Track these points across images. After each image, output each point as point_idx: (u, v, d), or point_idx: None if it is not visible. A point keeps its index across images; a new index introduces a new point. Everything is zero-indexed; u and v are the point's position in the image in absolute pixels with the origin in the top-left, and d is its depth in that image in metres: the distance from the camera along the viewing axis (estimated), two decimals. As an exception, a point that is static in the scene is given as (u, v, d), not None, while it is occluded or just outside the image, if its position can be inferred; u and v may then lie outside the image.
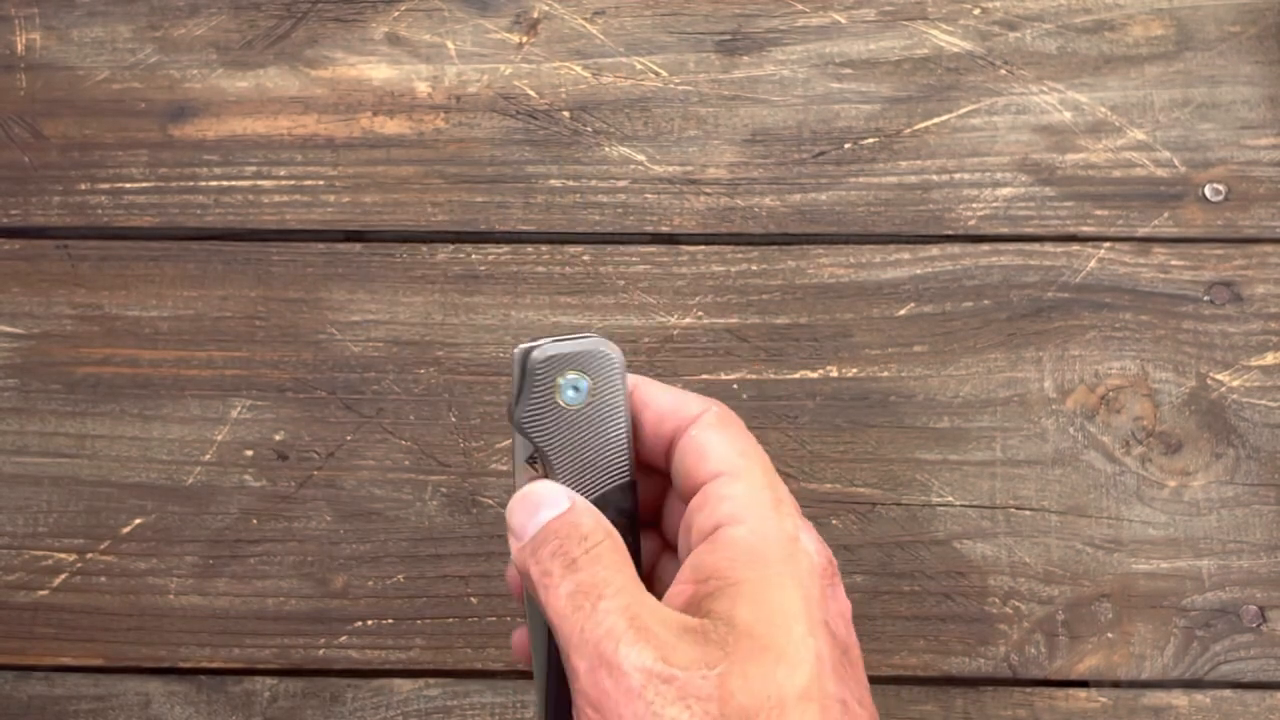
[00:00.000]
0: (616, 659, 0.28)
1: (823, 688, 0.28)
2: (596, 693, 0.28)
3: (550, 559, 0.31)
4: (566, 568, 0.30)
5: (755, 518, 0.31)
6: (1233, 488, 0.45)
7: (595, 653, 0.28)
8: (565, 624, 0.29)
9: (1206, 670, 0.44)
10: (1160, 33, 0.48)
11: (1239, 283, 0.46)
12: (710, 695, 0.27)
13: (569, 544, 0.31)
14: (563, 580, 0.30)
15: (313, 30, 0.49)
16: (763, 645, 0.28)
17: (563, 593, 0.30)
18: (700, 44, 0.48)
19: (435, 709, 0.44)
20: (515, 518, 0.32)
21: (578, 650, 0.29)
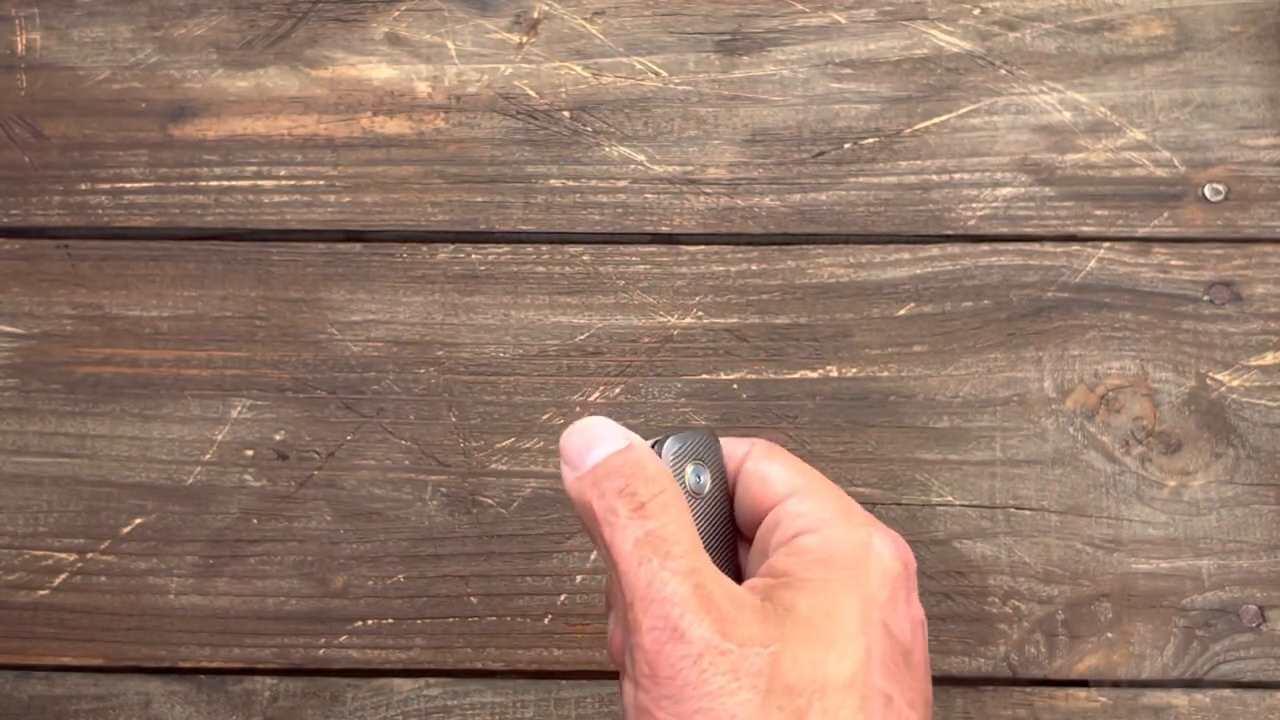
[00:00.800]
0: (682, 626, 0.29)
1: (868, 680, 0.29)
2: (655, 652, 0.29)
3: (616, 496, 0.31)
4: (634, 511, 0.30)
5: (828, 526, 0.32)
6: (1232, 487, 0.45)
7: (661, 614, 0.29)
8: (632, 575, 0.30)
9: (1206, 670, 0.44)
10: (1160, 33, 0.48)
11: (1239, 283, 0.46)
12: (760, 671, 0.29)
13: (635, 483, 0.31)
14: (630, 523, 0.30)
15: (313, 30, 0.49)
16: (816, 633, 0.29)
17: (629, 537, 0.30)
18: (700, 44, 0.48)
19: (435, 709, 0.44)
20: (571, 444, 0.32)
21: (643, 606, 0.29)
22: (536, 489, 0.45)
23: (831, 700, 0.29)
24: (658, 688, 0.29)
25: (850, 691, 0.29)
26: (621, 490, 0.31)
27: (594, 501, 0.31)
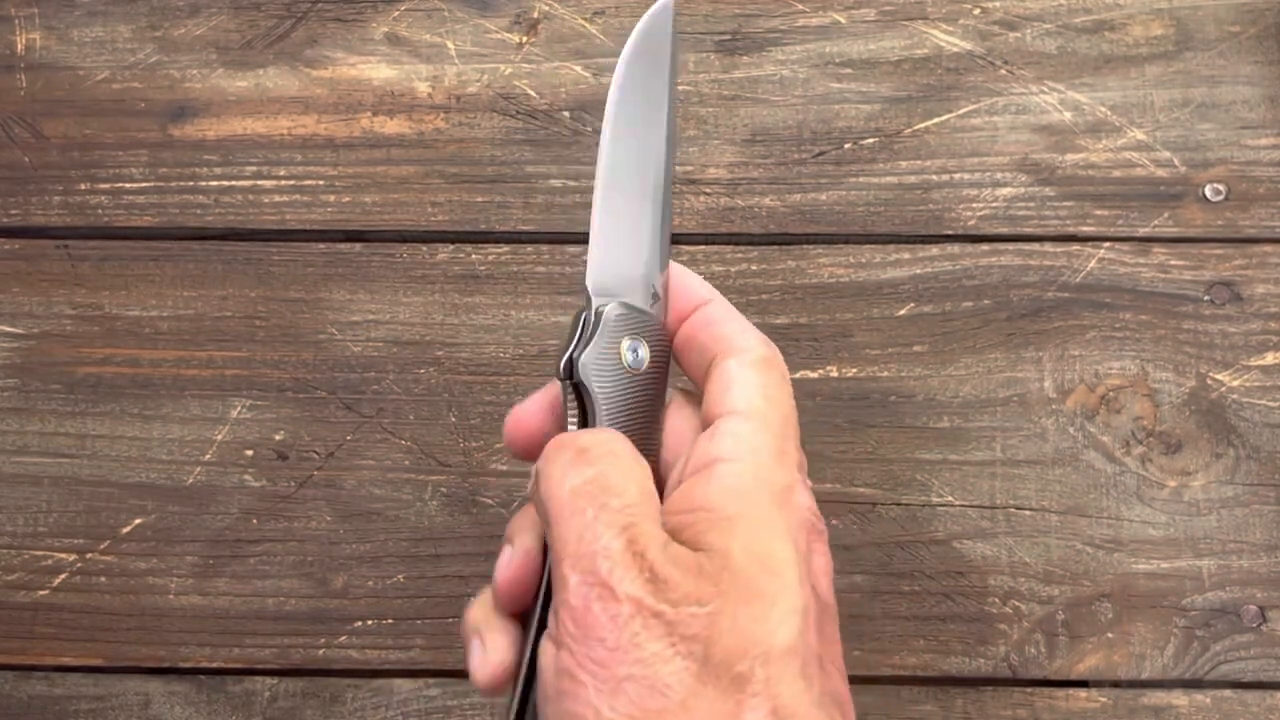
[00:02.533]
0: (611, 582, 0.27)
1: (806, 643, 0.27)
2: (583, 610, 0.27)
3: (558, 449, 0.28)
4: (577, 456, 0.28)
5: (753, 460, 0.30)
6: (1233, 487, 0.45)
7: (590, 568, 0.27)
8: (562, 524, 0.27)
9: (1207, 670, 0.44)
10: (1160, 33, 0.48)
11: (1239, 282, 0.46)
12: (697, 635, 0.26)
13: (583, 436, 0.29)
14: (570, 469, 0.28)
15: (313, 30, 0.49)
16: (756, 589, 0.27)
17: (567, 486, 0.28)
18: (700, 44, 0.48)
19: (435, 709, 0.44)
20: None
21: (572, 560, 0.27)
22: (536, 489, 0.45)
23: (774, 667, 0.26)
24: (584, 648, 0.26)
25: (791, 656, 0.27)
26: (566, 442, 0.29)
27: (541, 462, 0.29)
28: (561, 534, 0.27)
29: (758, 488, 0.29)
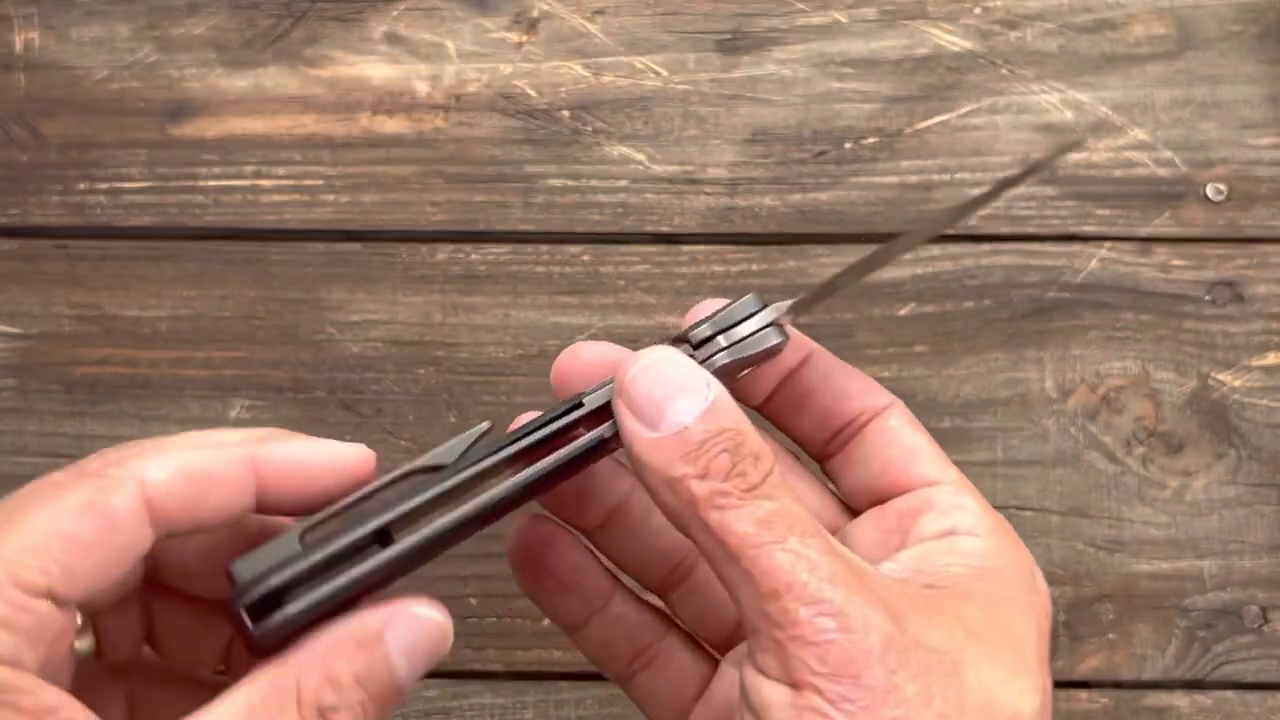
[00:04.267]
0: (850, 612, 0.24)
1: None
2: (823, 643, 0.24)
3: (723, 479, 0.26)
4: (747, 491, 0.25)
5: (996, 539, 0.28)
6: (1234, 488, 0.45)
7: (821, 598, 0.24)
8: (766, 559, 0.25)
9: (1208, 671, 0.44)
10: (1161, 32, 0.48)
11: (1241, 282, 0.46)
12: (949, 680, 0.25)
13: (744, 463, 0.26)
14: (746, 504, 0.25)
15: (312, 29, 0.49)
16: (995, 653, 0.26)
17: (748, 518, 0.25)
18: (700, 43, 0.48)
19: (434, 710, 0.44)
20: (642, 391, 0.27)
21: (796, 592, 0.24)
22: (536, 489, 0.45)
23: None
24: (840, 688, 0.24)
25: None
26: (730, 471, 0.26)
27: (692, 484, 0.26)
28: (766, 568, 0.25)
29: (1004, 567, 0.28)
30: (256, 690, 0.25)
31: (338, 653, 0.25)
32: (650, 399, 0.26)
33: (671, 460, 0.26)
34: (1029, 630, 0.27)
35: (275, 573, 0.26)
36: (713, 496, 0.25)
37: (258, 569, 0.26)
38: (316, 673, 0.25)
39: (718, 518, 0.25)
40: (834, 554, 0.25)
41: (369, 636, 0.26)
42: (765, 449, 0.26)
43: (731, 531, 0.25)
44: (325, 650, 0.25)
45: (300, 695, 0.25)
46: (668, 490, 0.26)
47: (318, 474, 0.27)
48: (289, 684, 0.25)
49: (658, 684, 0.34)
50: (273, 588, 0.25)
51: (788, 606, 0.24)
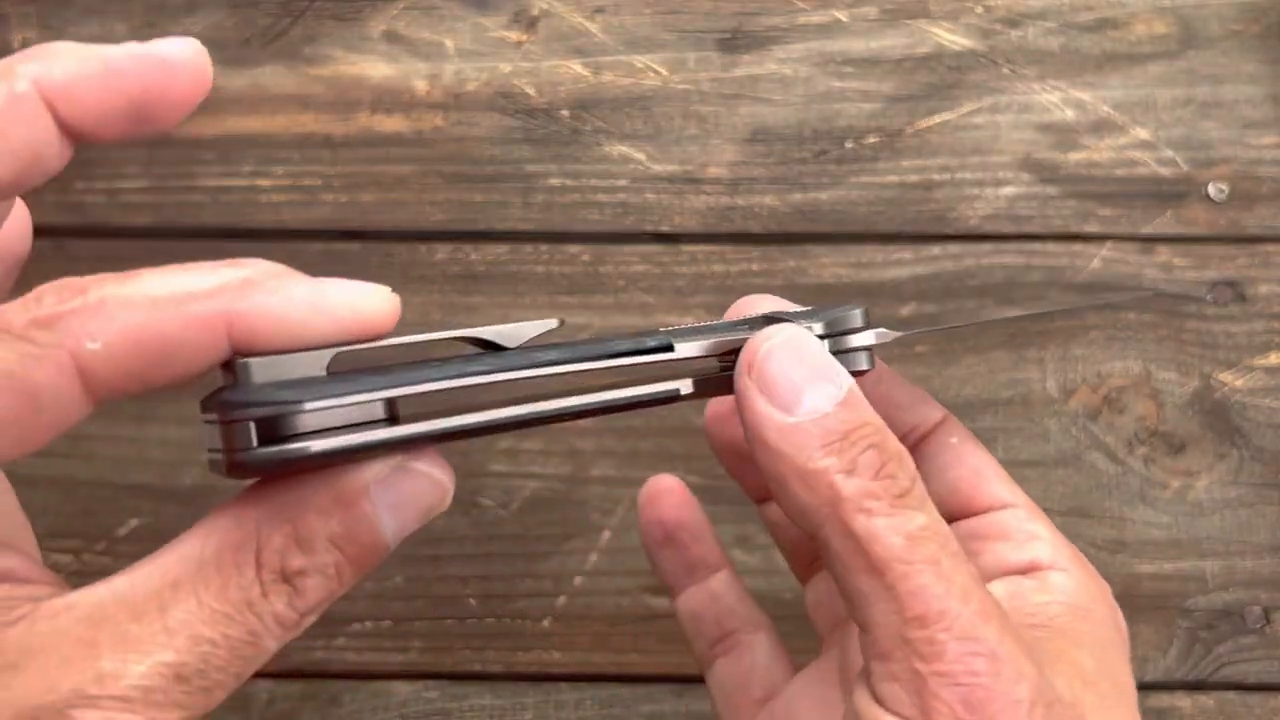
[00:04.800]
0: (1002, 655, 0.22)
1: None
2: (972, 685, 0.22)
3: (872, 477, 0.23)
4: (899, 498, 0.23)
5: (1081, 573, 0.27)
6: (1236, 488, 0.45)
7: (975, 635, 0.22)
8: (915, 578, 0.22)
9: (1210, 672, 0.44)
10: (1163, 31, 0.48)
11: (1243, 282, 0.46)
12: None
13: (891, 463, 0.24)
14: (896, 514, 0.23)
15: (310, 28, 0.48)
16: (1109, 704, 0.24)
17: (899, 530, 0.23)
18: (701, 42, 0.48)
19: (433, 711, 0.44)
20: (779, 370, 0.24)
21: (948, 622, 0.22)
22: (536, 490, 0.45)
23: None
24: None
25: None
26: (879, 471, 0.23)
27: (836, 479, 0.23)
28: (915, 589, 0.23)
29: (1096, 606, 0.27)
30: (210, 543, 0.22)
31: (311, 507, 0.22)
32: (787, 379, 0.24)
33: (811, 449, 0.23)
34: (1127, 674, 0.26)
35: (310, 398, 0.22)
36: (860, 498, 0.23)
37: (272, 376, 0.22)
38: (283, 531, 0.22)
39: (865, 524, 0.23)
40: (983, 585, 0.23)
41: (351, 492, 0.22)
42: (906, 451, 0.24)
43: (880, 541, 0.23)
44: (296, 503, 0.22)
45: (260, 555, 0.21)
46: (802, 484, 0.23)
47: (317, 336, 0.22)
48: (248, 539, 0.21)
49: (729, 675, 0.34)
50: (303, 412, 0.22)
51: (936, 637, 0.22)
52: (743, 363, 0.25)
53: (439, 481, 0.23)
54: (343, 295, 0.22)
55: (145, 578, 0.21)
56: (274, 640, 0.21)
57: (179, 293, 0.21)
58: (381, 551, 0.23)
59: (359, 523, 0.22)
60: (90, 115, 0.22)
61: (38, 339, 0.21)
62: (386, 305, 0.23)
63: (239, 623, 0.21)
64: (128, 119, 0.23)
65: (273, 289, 0.21)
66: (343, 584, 0.22)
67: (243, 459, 0.22)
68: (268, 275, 0.22)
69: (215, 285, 0.21)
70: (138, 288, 0.21)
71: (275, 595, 0.21)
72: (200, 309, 0.21)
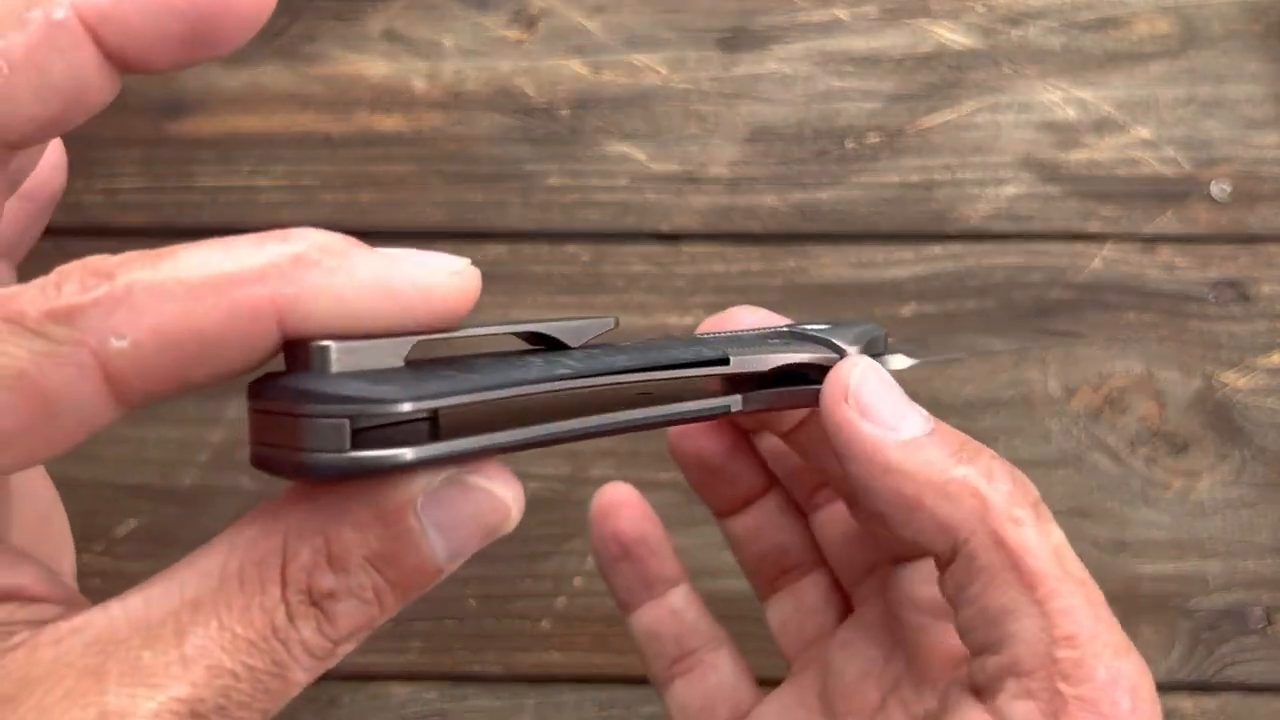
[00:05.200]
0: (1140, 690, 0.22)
1: None
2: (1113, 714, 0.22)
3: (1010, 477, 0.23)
4: (1036, 507, 0.23)
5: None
6: (1239, 489, 0.45)
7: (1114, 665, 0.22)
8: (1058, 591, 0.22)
9: (1213, 673, 0.43)
10: (1165, 30, 0.47)
11: (1245, 282, 0.46)
12: None
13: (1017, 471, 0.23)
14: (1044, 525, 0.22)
15: (309, 27, 0.48)
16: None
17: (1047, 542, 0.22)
18: (701, 41, 0.48)
19: (432, 713, 0.43)
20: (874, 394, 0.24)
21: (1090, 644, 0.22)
22: (535, 490, 0.45)
23: None
24: None
25: None
26: (1015, 478, 0.23)
27: (979, 484, 0.23)
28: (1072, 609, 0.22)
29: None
30: (234, 556, 0.19)
31: (347, 520, 0.19)
32: (889, 403, 0.24)
33: (944, 461, 0.23)
34: None
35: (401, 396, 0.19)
36: (1009, 506, 0.22)
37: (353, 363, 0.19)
38: (313, 545, 0.19)
39: (1017, 535, 0.22)
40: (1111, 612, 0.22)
41: (394, 507, 0.19)
42: None
43: (1033, 554, 0.22)
44: (330, 513, 0.19)
45: (285, 571, 0.19)
46: (943, 497, 0.23)
47: (386, 322, 0.19)
48: (274, 553, 0.19)
49: (692, 696, 0.33)
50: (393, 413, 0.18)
51: (1085, 660, 0.22)
52: (835, 393, 0.24)
53: (499, 499, 0.21)
54: (414, 275, 0.19)
55: (163, 595, 0.19)
56: (303, 672, 0.19)
57: (220, 275, 0.18)
58: (431, 576, 0.20)
59: (402, 541, 0.19)
60: (140, 40, 0.19)
61: (54, 335, 0.17)
62: (468, 283, 0.20)
63: (263, 651, 0.18)
64: (183, 43, 0.19)
65: (332, 268, 0.18)
66: (384, 610, 0.20)
67: (325, 461, 0.18)
68: (325, 251, 0.18)
69: (263, 265, 0.18)
70: (172, 271, 0.18)
71: (303, 620, 0.19)
72: (245, 295, 0.18)
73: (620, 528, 0.32)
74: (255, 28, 0.20)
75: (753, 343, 0.26)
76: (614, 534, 0.33)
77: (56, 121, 0.20)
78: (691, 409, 0.25)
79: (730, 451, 0.32)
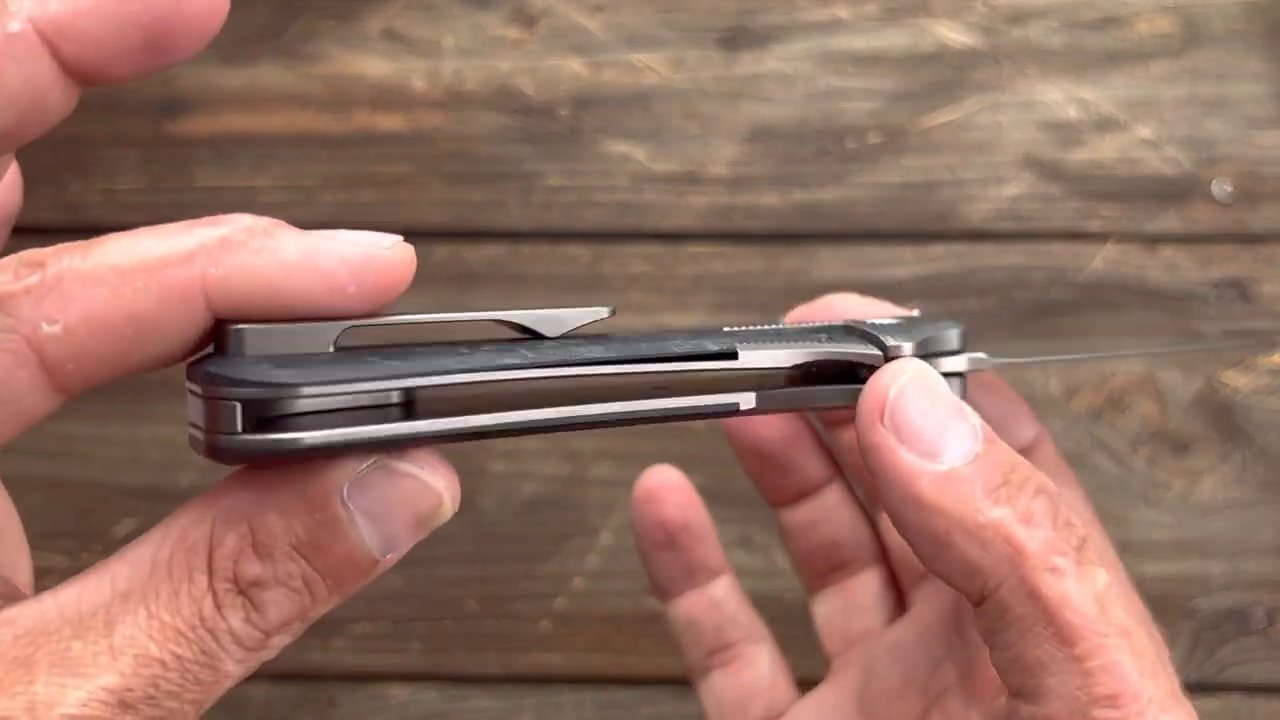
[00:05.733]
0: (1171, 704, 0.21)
1: None
2: None
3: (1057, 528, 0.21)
4: (1080, 551, 0.21)
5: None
6: (1240, 489, 0.45)
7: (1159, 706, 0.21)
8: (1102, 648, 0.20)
9: (1214, 673, 0.43)
10: (1167, 29, 0.47)
11: (1246, 281, 0.46)
12: None
13: (1062, 507, 0.21)
14: (1084, 573, 0.21)
15: (308, 26, 0.48)
16: None
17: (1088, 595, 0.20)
18: (701, 40, 0.48)
19: (431, 714, 0.43)
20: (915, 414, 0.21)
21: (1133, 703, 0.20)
22: (535, 491, 0.45)
23: None
24: None
25: None
26: (1056, 518, 0.21)
27: (1016, 531, 0.20)
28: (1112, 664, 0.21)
29: None
30: (166, 545, 0.19)
31: (271, 506, 0.19)
32: (928, 422, 0.21)
33: (978, 500, 0.21)
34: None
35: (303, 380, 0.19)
36: (1046, 554, 0.20)
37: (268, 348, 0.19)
38: (238, 531, 0.19)
39: (1055, 586, 0.20)
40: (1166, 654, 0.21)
41: (319, 493, 0.19)
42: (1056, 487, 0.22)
43: (1072, 607, 0.20)
44: (258, 500, 0.19)
45: (211, 558, 0.19)
46: (973, 540, 0.21)
47: (315, 302, 0.19)
48: (202, 540, 0.19)
49: (728, 689, 0.32)
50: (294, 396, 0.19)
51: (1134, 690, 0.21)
52: (872, 410, 0.22)
53: (429, 486, 0.20)
54: (343, 253, 0.19)
55: (95, 586, 0.19)
56: (234, 663, 0.19)
57: (148, 260, 0.18)
58: (364, 566, 0.20)
59: (328, 529, 0.19)
60: (97, 51, 0.20)
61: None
62: (397, 261, 0.20)
63: (191, 640, 0.18)
64: (141, 52, 0.20)
65: (258, 248, 0.19)
66: (316, 600, 0.19)
67: (223, 443, 0.19)
68: (252, 232, 0.19)
69: (190, 248, 0.19)
70: (101, 258, 0.18)
71: (230, 609, 0.19)
72: (174, 276, 0.18)
73: (666, 514, 0.31)
74: (210, 35, 0.20)
75: (790, 336, 0.24)
76: (658, 521, 0.31)
77: (12, 134, 0.20)
78: (688, 406, 0.23)
79: (790, 440, 0.31)
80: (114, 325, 0.18)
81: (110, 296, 0.18)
